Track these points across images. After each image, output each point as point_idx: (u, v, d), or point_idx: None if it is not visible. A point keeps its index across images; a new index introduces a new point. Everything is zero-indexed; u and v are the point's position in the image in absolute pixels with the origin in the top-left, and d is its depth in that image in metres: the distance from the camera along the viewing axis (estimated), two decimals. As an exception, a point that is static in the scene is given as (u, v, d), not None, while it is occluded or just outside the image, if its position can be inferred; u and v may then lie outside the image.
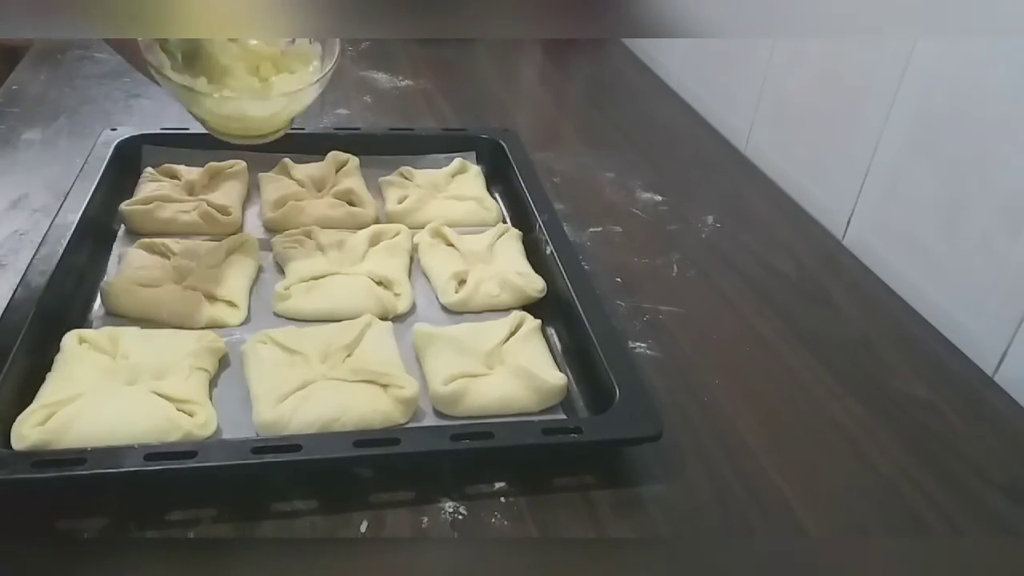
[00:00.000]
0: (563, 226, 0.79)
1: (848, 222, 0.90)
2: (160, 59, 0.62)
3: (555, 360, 0.66)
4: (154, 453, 0.51)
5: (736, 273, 0.83)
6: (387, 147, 0.93)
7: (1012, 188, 0.70)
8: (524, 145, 0.93)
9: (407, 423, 0.59)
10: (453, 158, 0.91)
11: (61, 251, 0.68)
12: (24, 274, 0.65)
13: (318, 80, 0.66)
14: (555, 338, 0.70)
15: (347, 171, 0.87)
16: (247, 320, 0.69)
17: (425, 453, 0.55)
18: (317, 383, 0.59)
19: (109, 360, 0.60)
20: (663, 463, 0.59)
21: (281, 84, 0.67)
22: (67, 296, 0.67)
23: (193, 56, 0.63)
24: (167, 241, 0.74)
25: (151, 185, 0.82)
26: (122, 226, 0.78)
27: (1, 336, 0.59)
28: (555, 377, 0.62)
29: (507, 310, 0.70)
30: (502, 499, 0.56)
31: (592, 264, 0.80)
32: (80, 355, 0.59)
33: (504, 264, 0.76)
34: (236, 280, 0.70)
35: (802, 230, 0.93)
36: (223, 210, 0.79)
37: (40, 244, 0.69)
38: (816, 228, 0.93)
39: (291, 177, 0.86)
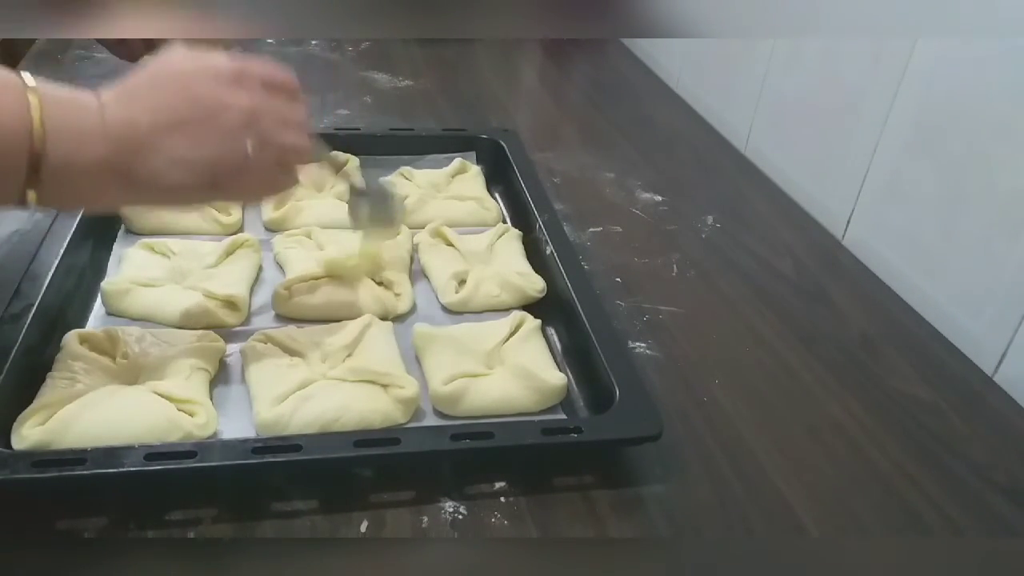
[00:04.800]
0: (563, 226, 0.79)
1: (848, 222, 0.90)
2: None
3: (555, 360, 0.66)
4: (154, 453, 0.51)
5: (736, 273, 0.83)
6: (387, 147, 0.92)
7: (1012, 188, 0.70)
8: (524, 145, 0.93)
9: (407, 423, 0.59)
10: (453, 158, 0.91)
11: (61, 251, 0.68)
12: (24, 274, 0.65)
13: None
14: (555, 338, 0.70)
15: (347, 171, 0.87)
16: (247, 320, 0.69)
17: (425, 453, 0.55)
18: (317, 383, 0.59)
19: (109, 360, 0.60)
20: (663, 463, 0.59)
21: None
22: (67, 296, 0.67)
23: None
24: (167, 241, 0.74)
25: (151, 185, 0.82)
26: (122, 226, 0.78)
27: (1, 336, 0.59)
28: (555, 377, 0.62)
29: (507, 310, 0.70)
30: (502, 499, 0.56)
31: (592, 264, 0.80)
32: (81, 355, 0.59)
33: (504, 264, 0.76)
34: (236, 280, 0.70)
35: (802, 230, 0.93)
36: (223, 210, 0.79)
37: (40, 244, 0.69)
38: (816, 228, 0.93)
39: (291, 177, 0.85)
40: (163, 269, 0.71)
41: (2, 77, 0.47)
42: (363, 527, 0.53)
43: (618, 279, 0.80)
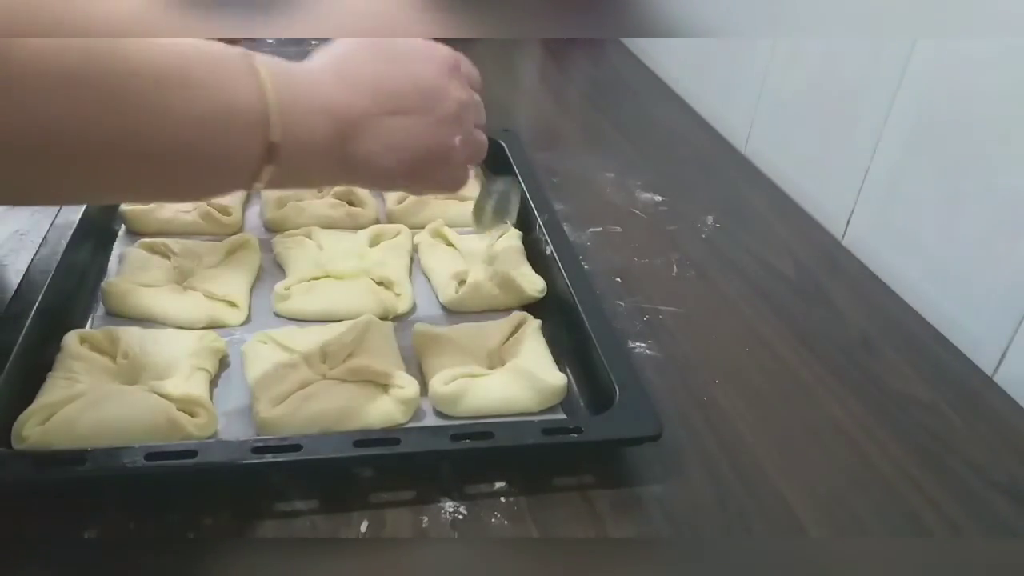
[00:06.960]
0: (563, 226, 0.79)
1: (848, 222, 0.90)
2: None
3: (555, 360, 0.66)
4: (154, 453, 0.51)
5: (736, 273, 0.83)
6: (387, 147, 0.92)
7: (1012, 189, 0.70)
8: (524, 145, 0.93)
9: (407, 423, 0.59)
10: (453, 158, 0.91)
11: (61, 251, 0.68)
12: (24, 274, 0.65)
13: None
14: (555, 338, 0.69)
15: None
16: (247, 320, 0.69)
17: (425, 453, 0.55)
18: (317, 383, 0.59)
19: (109, 360, 0.60)
20: (663, 463, 0.59)
21: None
22: (67, 296, 0.67)
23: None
24: (167, 241, 0.74)
25: (151, 185, 0.82)
26: (122, 226, 0.78)
27: (1, 336, 0.59)
28: (555, 377, 0.62)
29: (507, 310, 0.71)
30: (502, 499, 0.56)
31: (592, 264, 0.80)
32: (81, 355, 0.59)
33: (504, 264, 0.76)
34: (236, 280, 0.71)
35: (802, 230, 0.93)
36: (223, 210, 0.79)
37: (40, 244, 0.69)
38: (816, 228, 0.93)
39: (291, 177, 0.85)
40: (163, 269, 0.71)
41: (231, 57, 0.43)
42: (363, 527, 0.53)
43: (618, 279, 0.80)
